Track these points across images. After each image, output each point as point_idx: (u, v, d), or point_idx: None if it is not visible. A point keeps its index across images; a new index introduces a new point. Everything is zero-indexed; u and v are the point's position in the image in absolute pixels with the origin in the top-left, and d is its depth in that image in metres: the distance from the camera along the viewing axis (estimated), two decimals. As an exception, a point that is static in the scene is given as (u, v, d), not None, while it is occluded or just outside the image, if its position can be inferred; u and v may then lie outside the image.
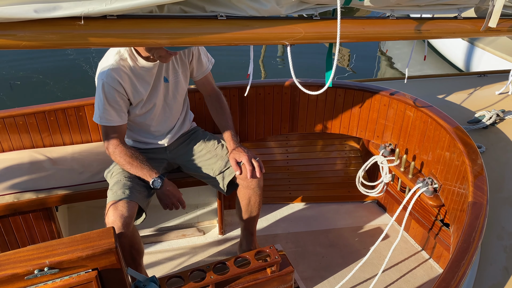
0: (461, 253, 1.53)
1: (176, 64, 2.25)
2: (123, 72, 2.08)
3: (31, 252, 1.46)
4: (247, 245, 2.52)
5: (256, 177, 2.22)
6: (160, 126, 2.34)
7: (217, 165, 2.32)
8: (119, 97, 2.09)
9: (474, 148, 2.10)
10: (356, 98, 2.76)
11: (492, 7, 1.79)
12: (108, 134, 2.13)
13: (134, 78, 2.12)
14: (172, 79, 2.25)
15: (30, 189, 2.27)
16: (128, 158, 2.12)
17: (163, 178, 2.14)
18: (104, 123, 2.10)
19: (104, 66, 2.09)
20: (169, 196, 2.17)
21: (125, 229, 1.94)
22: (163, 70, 2.21)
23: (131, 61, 2.10)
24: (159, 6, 1.34)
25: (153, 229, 2.79)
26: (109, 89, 2.06)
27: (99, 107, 2.09)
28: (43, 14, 1.10)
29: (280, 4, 1.46)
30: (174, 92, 2.29)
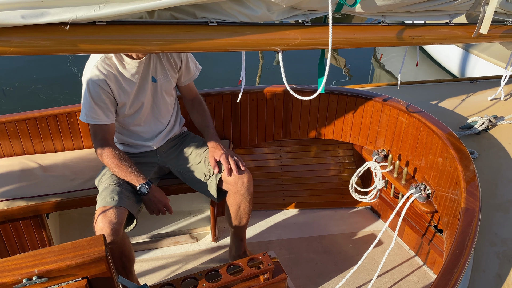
0: (453, 260, 1.53)
1: (166, 65, 2.25)
2: (109, 70, 2.08)
3: (20, 260, 1.44)
4: (237, 250, 2.50)
5: (233, 175, 2.19)
6: (149, 127, 2.32)
7: (206, 169, 2.31)
8: (105, 95, 2.08)
9: (467, 154, 2.10)
10: (349, 104, 2.76)
11: (483, 13, 1.80)
12: (96, 133, 2.13)
13: (119, 77, 2.11)
14: (161, 79, 2.25)
15: (21, 196, 2.25)
16: (116, 160, 2.10)
17: (150, 184, 2.13)
18: (91, 121, 2.09)
19: (90, 65, 2.09)
20: (155, 202, 2.16)
21: (114, 236, 1.92)
22: (151, 69, 2.20)
23: (116, 60, 2.09)
24: (149, 12, 1.33)
25: (146, 236, 2.77)
26: (94, 87, 2.05)
27: (85, 105, 2.08)
28: (30, 20, 1.09)
29: (271, 10, 1.46)
30: (163, 92, 2.28)
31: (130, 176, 2.10)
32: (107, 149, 2.11)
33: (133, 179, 2.11)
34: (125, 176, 2.10)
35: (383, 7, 1.65)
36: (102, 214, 1.94)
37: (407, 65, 6.71)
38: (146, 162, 2.35)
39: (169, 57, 2.25)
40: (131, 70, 2.13)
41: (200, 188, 2.36)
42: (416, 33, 1.81)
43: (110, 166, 2.11)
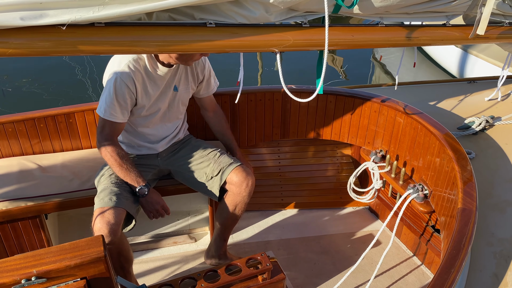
0: (450, 260, 1.53)
1: (189, 76, 2.29)
2: (138, 71, 2.07)
3: (18, 261, 1.44)
4: (217, 250, 2.47)
5: (240, 176, 2.25)
6: (157, 130, 2.33)
7: (209, 169, 2.32)
8: (129, 95, 2.07)
9: (464, 154, 2.11)
10: (347, 105, 2.77)
11: (480, 14, 1.81)
12: (105, 128, 2.09)
13: (147, 79, 2.11)
14: (182, 89, 2.29)
15: (19, 197, 2.25)
16: (118, 158, 2.09)
17: (149, 186, 2.13)
18: (108, 118, 2.06)
19: (119, 63, 2.06)
20: (153, 204, 2.16)
21: (112, 236, 1.92)
22: (175, 78, 2.23)
23: (147, 62, 2.09)
24: (148, 14, 1.34)
25: (144, 237, 2.77)
26: (121, 85, 2.03)
27: (106, 101, 2.05)
28: (29, 22, 1.10)
29: (269, 12, 1.47)
30: (180, 101, 2.33)
31: (130, 176, 2.10)
32: (112, 146, 2.09)
33: (133, 179, 2.10)
34: (124, 175, 2.10)
35: (381, 8, 1.66)
36: (100, 215, 1.94)
37: (407, 65, 6.73)
38: (147, 164, 2.35)
39: (193, 69, 2.29)
40: (160, 75, 2.15)
41: (201, 188, 2.37)
42: (413, 34, 1.82)
43: (111, 163, 2.10)
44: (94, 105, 2.55)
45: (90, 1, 1.14)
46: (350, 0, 1.57)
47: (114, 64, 2.08)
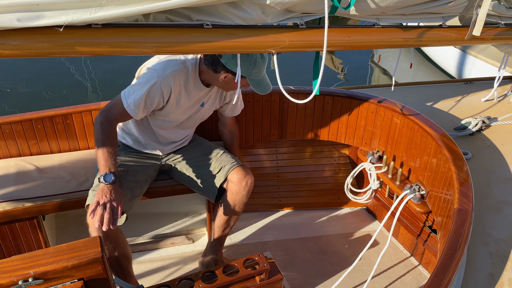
0: (447, 260, 1.54)
1: (219, 96, 2.33)
2: (179, 81, 2.07)
3: (15, 262, 1.44)
4: (213, 254, 2.43)
5: (240, 174, 2.26)
6: (168, 134, 2.35)
7: (210, 167, 2.34)
8: (158, 101, 2.07)
9: (460, 155, 2.12)
10: (344, 106, 2.78)
11: (475, 15, 1.81)
12: (115, 110, 2.05)
13: (183, 92, 2.13)
14: (207, 107, 2.32)
15: (17, 198, 2.25)
16: (104, 138, 1.98)
17: (117, 179, 1.95)
18: (126, 107, 2.02)
19: (165, 66, 2.05)
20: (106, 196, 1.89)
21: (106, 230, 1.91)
22: (206, 96, 2.26)
23: (191, 76, 2.10)
24: (145, 15, 1.34)
25: (142, 238, 2.77)
26: (157, 90, 2.03)
27: (135, 94, 2.01)
28: (26, 23, 1.10)
29: (266, 13, 1.47)
30: (200, 116, 2.36)
31: (104, 157, 1.96)
32: (108, 126, 2.02)
33: (104, 164, 1.95)
34: (100, 154, 1.97)
35: (377, 9, 1.66)
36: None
37: (405, 66, 6.76)
38: (148, 162, 2.37)
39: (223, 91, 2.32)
40: (195, 92, 2.17)
41: (199, 187, 2.38)
42: (410, 35, 1.82)
43: (97, 138, 2.00)
44: (92, 106, 2.56)
45: (87, 3, 1.14)
46: (347, 1, 1.57)
47: (160, 65, 2.06)
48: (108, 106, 2.07)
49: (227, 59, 1.98)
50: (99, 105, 2.56)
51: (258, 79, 2.08)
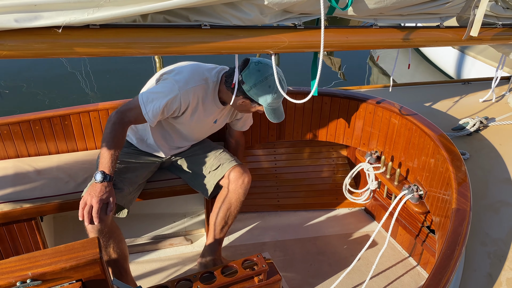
0: (445, 260, 1.54)
1: (230, 114, 2.38)
2: (198, 96, 2.10)
3: (14, 263, 1.44)
4: (211, 254, 2.41)
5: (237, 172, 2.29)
6: (173, 141, 2.36)
7: (209, 163, 2.36)
8: (176, 111, 2.09)
9: (458, 155, 2.13)
10: (342, 106, 2.78)
11: (473, 16, 1.82)
12: (130, 113, 2.06)
13: (200, 107, 2.15)
14: (219, 123, 2.36)
15: (15, 199, 2.24)
16: (111, 139, 1.99)
17: (111, 180, 1.98)
18: (144, 114, 2.03)
19: (188, 79, 2.07)
20: (98, 194, 1.93)
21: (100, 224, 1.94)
22: (220, 113, 2.29)
23: (210, 93, 2.12)
24: (143, 16, 1.34)
25: (140, 239, 2.77)
26: (176, 102, 2.05)
27: (154, 101, 2.02)
28: (24, 24, 1.10)
29: (264, 14, 1.48)
30: (210, 131, 2.40)
31: (104, 156, 1.98)
32: (120, 128, 2.03)
33: (103, 162, 1.98)
34: (102, 153, 2.00)
35: (375, 10, 1.67)
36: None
37: (404, 67, 6.77)
38: (149, 160, 2.39)
39: (235, 110, 2.37)
40: (211, 108, 2.21)
41: (196, 183, 2.40)
42: (407, 36, 1.83)
43: (104, 137, 2.02)
44: (90, 107, 2.55)
45: (84, 3, 1.14)
46: (345, 2, 1.58)
47: (183, 77, 2.08)
48: (124, 108, 2.08)
49: (249, 87, 2.04)
50: (97, 106, 2.56)
51: (274, 108, 2.13)
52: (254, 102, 2.10)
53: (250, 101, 2.11)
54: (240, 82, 2.03)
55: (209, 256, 2.43)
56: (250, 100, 2.09)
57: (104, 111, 2.57)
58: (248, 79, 2.02)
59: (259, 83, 2.01)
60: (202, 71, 2.15)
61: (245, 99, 2.10)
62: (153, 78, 2.27)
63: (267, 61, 2.07)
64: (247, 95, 2.07)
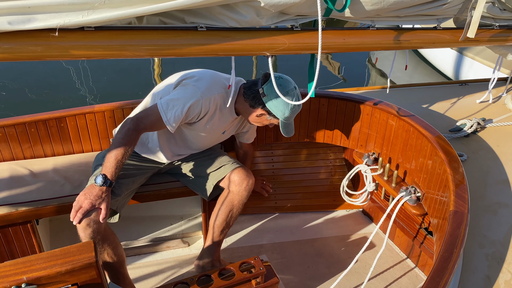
0: (443, 262, 1.54)
1: (238, 126, 2.41)
2: (217, 104, 2.13)
3: (8, 267, 1.42)
4: (210, 256, 2.39)
5: (241, 174, 2.30)
6: (177, 148, 2.35)
7: (208, 164, 2.36)
8: (195, 117, 2.10)
9: (455, 157, 2.12)
10: (339, 108, 2.77)
11: (470, 17, 1.82)
12: (148, 119, 2.03)
13: (217, 115, 2.17)
14: (226, 134, 2.38)
15: (10, 203, 2.23)
16: (122, 145, 1.95)
17: (111, 185, 1.94)
18: (165, 121, 2.01)
19: (210, 86, 2.10)
20: (94, 197, 1.90)
21: (94, 227, 1.93)
22: (230, 124, 2.32)
23: (228, 101, 2.12)
24: (138, 18, 1.33)
25: (137, 241, 2.75)
26: (197, 107, 2.06)
27: (176, 110, 2.01)
28: (17, 26, 1.09)
29: (260, 15, 1.47)
30: (217, 141, 2.42)
31: (110, 161, 1.94)
32: (134, 135, 1.99)
33: (107, 166, 1.94)
34: (110, 156, 1.94)
35: (372, 11, 1.66)
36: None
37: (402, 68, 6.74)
38: (148, 165, 2.37)
39: (244, 122, 2.42)
40: (227, 118, 2.24)
41: (195, 185, 2.39)
42: (404, 37, 1.83)
43: (115, 141, 1.98)
44: (85, 109, 2.54)
45: (79, 5, 1.13)
46: (342, 4, 1.57)
47: (204, 83, 2.09)
48: (141, 115, 2.06)
49: (269, 100, 2.09)
50: (93, 108, 2.55)
51: (287, 123, 2.20)
52: (271, 115, 2.15)
53: (267, 114, 2.16)
54: (261, 94, 2.10)
55: (207, 258, 2.42)
56: (268, 112, 2.15)
57: (100, 113, 2.56)
58: (269, 92, 2.08)
59: (280, 97, 2.04)
60: (222, 80, 2.19)
61: (263, 111, 2.15)
62: (166, 82, 2.25)
63: (287, 77, 2.17)
64: (266, 108, 2.12)
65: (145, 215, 2.91)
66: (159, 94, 2.23)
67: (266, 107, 2.12)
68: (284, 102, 2.07)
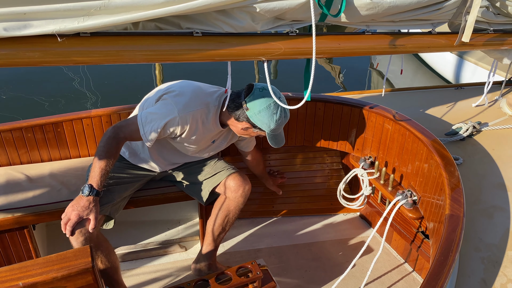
0: (438, 266, 1.54)
1: (230, 136, 2.36)
2: (197, 121, 2.08)
3: (4, 273, 1.42)
4: (206, 260, 2.41)
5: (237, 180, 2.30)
6: (170, 158, 2.35)
7: (204, 172, 2.35)
8: (172, 133, 2.07)
9: (451, 160, 2.13)
10: (335, 112, 2.78)
11: (464, 22, 1.83)
12: (127, 129, 2.04)
13: (200, 130, 2.13)
14: (217, 143, 2.33)
15: (6, 208, 2.22)
16: (103, 153, 1.96)
17: (98, 195, 1.95)
18: (142, 135, 2.02)
19: (188, 102, 2.05)
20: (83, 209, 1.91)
21: (86, 236, 1.92)
22: (218, 134, 2.28)
23: (211, 118, 2.11)
24: (134, 23, 1.34)
25: (134, 246, 2.75)
26: (174, 124, 2.03)
27: (153, 125, 2.01)
28: (13, 32, 1.09)
29: (256, 21, 1.48)
30: (209, 151, 2.36)
31: (94, 170, 1.96)
32: (114, 143, 2.01)
33: (92, 176, 1.96)
34: (94, 165, 1.97)
35: (367, 16, 1.67)
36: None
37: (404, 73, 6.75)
38: (141, 173, 2.36)
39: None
40: (210, 132, 2.19)
41: (191, 190, 2.38)
42: (399, 42, 1.83)
43: (97, 150, 1.99)
44: (82, 114, 2.54)
45: (75, 12, 1.13)
46: (336, 9, 1.58)
47: (183, 99, 2.06)
48: (121, 124, 2.07)
49: (253, 114, 2.03)
50: (90, 113, 2.55)
51: (275, 134, 2.14)
52: (256, 127, 2.10)
53: (253, 127, 2.11)
54: (244, 108, 2.05)
55: (204, 261, 2.42)
56: (253, 126, 2.10)
57: (97, 118, 2.56)
58: (252, 105, 2.03)
59: (264, 110, 2.01)
60: (204, 95, 2.14)
61: (248, 124, 2.10)
62: (153, 93, 2.24)
63: (273, 87, 2.07)
64: (250, 121, 2.07)
65: (142, 219, 2.90)
66: (144, 105, 2.22)
67: (250, 120, 2.07)
68: (269, 115, 2.02)
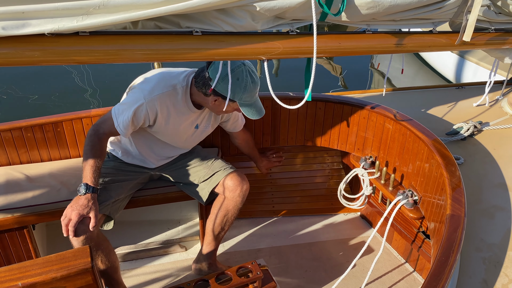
0: (439, 267, 1.53)
1: (213, 117, 2.31)
2: (166, 103, 2.05)
3: (3, 274, 1.41)
4: (206, 259, 2.41)
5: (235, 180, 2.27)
6: (160, 152, 2.34)
7: (202, 173, 2.34)
8: (145, 121, 2.06)
9: (452, 160, 2.12)
10: (336, 111, 2.78)
11: (465, 21, 1.82)
12: (104, 125, 2.06)
13: (173, 113, 2.10)
14: (202, 128, 2.30)
15: (6, 208, 2.22)
16: (89, 150, 1.98)
17: (94, 191, 1.94)
18: (116, 127, 2.02)
19: (154, 87, 2.03)
20: (81, 208, 1.90)
21: (86, 235, 1.91)
22: (199, 118, 2.24)
23: (181, 98, 2.08)
24: (133, 22, 1.33)
25: (134, 246, 2.74)
26: (143, 111, 2.02)
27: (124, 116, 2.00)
28: (11, 31, 1.08)
29: (256, 20, 1.47)
30: (197, 137, 2.35)
31: (85, 168, 1.97)
32: (96, 140, 2.02)
33: (84, 175, 1.96)
34: (84, 165, 1.99)
35: (368, 15, 1.66)
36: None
37: (406, 73, 6.73)
38: (137, 170, 2.35)
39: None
40: (185, 114, 2.15)
41: (191, 189, 2.37)
42: (400, 41, 1.83)
43: (83, 150, 2.01)
44: (82, 113, 2.54)
45: (73, 11, 1.13)
46: (337, 8, 1.57)
47: (149, 85, 2.04)
48: (99, 121, 2.08)
49: (216, 83, 1.95)
50: (90, 112, 2.54)
51: (249, 104, 2.05)
52: (225, 98, 1.99)
53: (222, 98, 2.01)
54: (207, 79, 1.97)
55: (204, 261, 2.42)
56: (221, 97, 2.01)
57: (96, 118, 2.56)
58: (214, 73, 1.94)
59: (226, 77, 1.91)
60: (170, 77, 2.10)
61: (216, 97, 2.02)
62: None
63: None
64: (217, 92, 1.98)
65: (142, 219, 2.90)
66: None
67: (216, 91, 1.97)
68: (234, 81, 1.92)
